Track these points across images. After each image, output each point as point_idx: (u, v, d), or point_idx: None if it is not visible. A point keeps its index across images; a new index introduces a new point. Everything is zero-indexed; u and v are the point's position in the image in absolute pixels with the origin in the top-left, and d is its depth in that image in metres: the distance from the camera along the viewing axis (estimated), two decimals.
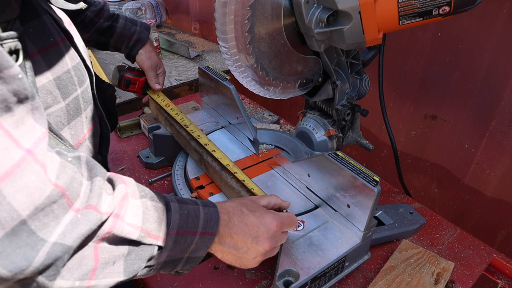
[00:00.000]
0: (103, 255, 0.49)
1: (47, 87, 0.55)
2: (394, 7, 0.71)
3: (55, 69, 0.57)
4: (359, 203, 0.74)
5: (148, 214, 0.54)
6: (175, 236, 0.57)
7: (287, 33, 0.84)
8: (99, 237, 0.48)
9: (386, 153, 1.57)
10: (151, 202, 0.56)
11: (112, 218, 0.49)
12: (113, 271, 0.51)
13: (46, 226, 0.42)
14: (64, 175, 0.44)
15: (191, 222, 0.59)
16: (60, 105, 0.58)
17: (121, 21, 1.12)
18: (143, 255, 0.54)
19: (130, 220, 0.51)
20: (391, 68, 1.41)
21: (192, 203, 0.62)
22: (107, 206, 0.49)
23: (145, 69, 1.16)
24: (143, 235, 0.52)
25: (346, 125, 1.01)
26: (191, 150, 0.98)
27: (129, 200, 0.52)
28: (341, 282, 0.82)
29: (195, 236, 0.59)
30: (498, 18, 1.09)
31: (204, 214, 0.61)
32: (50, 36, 0.57)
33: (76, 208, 0.45)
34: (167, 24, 2.62)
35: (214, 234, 0.61)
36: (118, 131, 1.31)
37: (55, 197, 0.42)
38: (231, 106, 1.05)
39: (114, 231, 0.49)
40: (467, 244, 0.94)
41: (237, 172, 0.87)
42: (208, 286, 0.80)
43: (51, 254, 0.42)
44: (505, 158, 1.19)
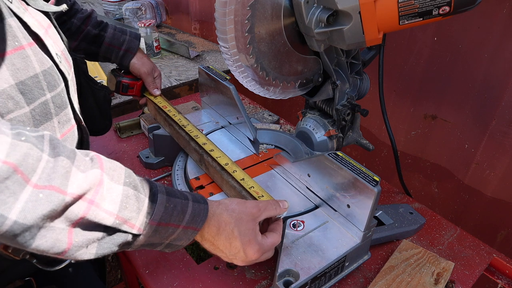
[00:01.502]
0: (76, 239, 0.51)
1: (8, 92, 0.54)
2: (394, 7, 0.71)
3: (19, 73, 0.56)
4: (359, 203, 0.74)
5: (128, 203, 0.55)
6: (156, 226, 0.58)
7: (287, 33, 0.84)
8: (72, 221, 0.49)
9: (386, 153, 1.57)
10: (134, 191, 0.56)
11: (86, 203, 0.50)
12: (85, 252, 0.53)
13: (4, 202, 0.43)
14: (14, 153, 0.44)
15: (176, 215, 0.60)
16: (24, 110, 0.57)
17: (109, 31, 1.10)
18: (117, 240, 0.55)
19: (106, 206, 0.52)
20: (391, 68, 1.41)
21: (182, 197, 0.63)
22: (75, 187, 0.49)
23: (141, 76, 1.15)
24: (118, 222, 0.54)
25: (346, 125, 1.01)
26: (190, 150, 0.98)
27: (104, 186, 0.53)
28: (341, 282, 0.82)
29: (177, 228, 0.61)
30: (498, 18, 1.09)
31: (192, 209, 0.62)
32: (15, 40, 0.56)
33: (34, 183, 0.45)
34: (167, 24, 2.62)
35: (198, 229, 0.63)
36: (118, 131, 1.31)
37: (6, 173, 0.43)
38: (231, 106, 1.05)
39: (88, 217, 0.50)
40: (467, 244, 0.94)
41: (236, 170, 0.87)
42: (208, 286, 0.80)
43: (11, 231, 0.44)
44: (505, 158, 1.19)
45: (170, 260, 0.86)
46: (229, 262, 0.69)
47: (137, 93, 1.18)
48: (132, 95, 1.18)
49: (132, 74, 1.17)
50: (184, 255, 0.87)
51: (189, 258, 0.86)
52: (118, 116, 1.48)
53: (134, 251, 0.88)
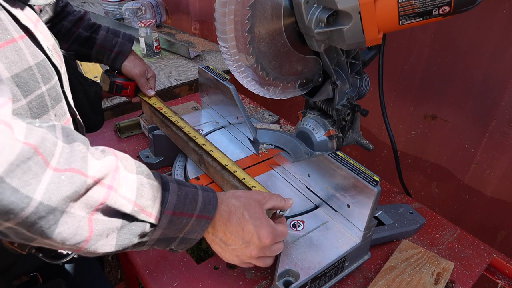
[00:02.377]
0: (97, 227, 0.50)
1: None
2: (394, 7, 0.71)
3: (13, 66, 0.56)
4: (359, 203, 0.74)
5: (143, 191, 0.54)
6: (171, 216, 0.58)
7: (287, 33, 0.84)
8: (92, 207, 0.49)
9: (386, 153, 1.57)
10: (147, 180, 0.56)
11: (105, 189, 0.50)
12: (106, 243, 0.52)
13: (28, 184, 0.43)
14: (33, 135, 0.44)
15: (189, 204, 0.60)
16: (21, 103, 0.57)
17: (101, 32, 1.10)
18: (136, 230, 0.55)
19: (124, 193, 0.52)
20: (391, 68, 1.41)
21: (191, 186, 0.63)
22: (95, 170, 0.49)
23: (134, 78, 1.15)
24: (136, 209, 0.53)
25: (346, 125, 1.01)
26: (189, 151, 0.98)
27: (121, 173, 0.53)
28: (341, 282, 0.82)
29: (191, 218, 0.60)
30: (498, 18, 1.09)
31: (203, 197, 0.62)
32: (6, 33, 0.56)
33: (53, 167, 0.45)
34: (167, 24, 2.62)
35: (210, 218, 0.63)
36: (118, 131, 1.31)
37: (28, 153, 0.43)
38: (231, 106, 1.05)
39: (108, 202, 0.50)
40: (467, 244, 0.94)
41: (237, 170, 0.87)
42: (208, 286, 0.80)
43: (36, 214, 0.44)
44: (505, 158, 1.19)
45: (170, 260, 0.86)
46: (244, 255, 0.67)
47: (131, 93, 1.18)
48: (126, 95, 1.18)
49: None
50: (184, 255, 0.87)
51: (189, 258, 0.86)
52: (118, 116, 1.48)
53: (134, 250, 0.88)
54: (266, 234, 0.65)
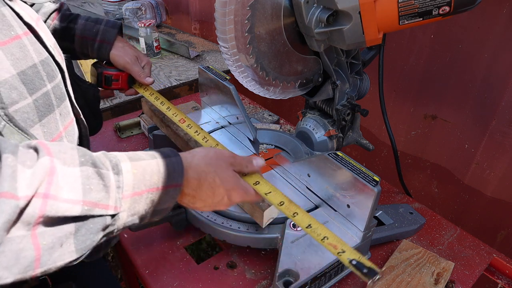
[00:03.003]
0: (44, 241, 0.44)
1: (10, 82, 0.52)
2: (394, 7, 0.71)
3: (19, 63, 0.54)
4: (359, 203, 0.74)
5: (91, 183, 0.48)
6: (131, 198, 0.52)
7: (287, 33, 0.84)
8: (31, 223, 0.43)
9: (386, 153, 1.57)
10: (93, 169, 0.50)
11: (40, 200, 0.43)
12: (64, 252, 0.47)
13: None
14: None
15: (149, 179, 0.54)
16: (27, 101, 0.55)
17: (80, 21, 0.98)
18: (94, 227, 0.49)
19: (66, 195, 0.45)
20: (391, 68, 1.41)
21: (149, 157, 0.57)
22: (25, 188, 0.42)
23: (125, 67, 1.01)
24: (87, 208, 0.47)
25: (346, 125, 1.01)
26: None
27: (58, 174, 0.46)
28: (341, 282, 0.82)
29: (155, 192, 0.55)
30: (498, 18, 1.09)
31: (165, 166, 0.56)
32: (11, 30, 0.54)
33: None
34: (167, 24, 2.62)
35: (180, 185, 0.57)
36: (118, 131, 1.31)
37: None
38: (231, 106, 1.05)
39: (47, 213, 0.44)
40: (467, 244, 0.94)
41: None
42: (208, 286, 0.80)
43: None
44: (505, 158, 1.19)
45: (170, 260, 0.86)
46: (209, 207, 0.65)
47: (124, 85, 1.04)
48: (118, 88, 1.04)
49: None
50: (184, 255, 0.87)
51: (189, 258, 0.86)
52: (118, 116, 1.48)
53: (135, 250, 0.88)
54: (236, 195, 0.64)
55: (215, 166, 0.63)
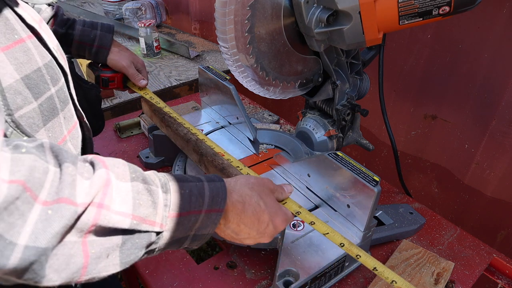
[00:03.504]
0: (93, 250, 0.46)
1: (15, 87, 0.51)
2: (394, 7, 0.71)
3: (23, 67, 0.53)
4: (359, 203, 0.74)
5: (141, 199, 0.50)
6: (177, 218, 0.53)
7: (287, 33, 0.84)
8: (84, 230, 0.45)
9: (386, 153, 1.57)
10: (144, 185, 0.51)
11: (95, 208, 0.45)
12: (108, 264, 0.48)
13: (13, 226, 0.39)
14: (20, 168, 0.40)
15: (195, 201, 0.55)
16: (32, 106, 0.54)
17: (77, 27, 1.03)
18: (140, 243, 0.50)
19: (118, 207, 0.47)
20: (391, 68, 1.41)
21: (195, 180, 0.58)
22: (83, 195, 0.45)
23: (122, 70, 1.08)
24: (136, 222, 0.49)
25: (346, 125, 1.01)
26: (189, 151, 0.98)
27: (113, 186, 0.48)
28: (341, 282, 0.82)
29: (200, 215, 0.56)
30: (498, 18, 1.09)
31: (210, 190, 0.57)
32: (14, 33, 0.53)
33: (42, 200, 0.41)
34: (167, 24, 2.62)
35: (221, 210, 0.58)
36: (118, 131, 1.31)
37: (16, 192, 0.39)
38: (231, 106, 1.05)
39: (100, 223, 0.46)
40: (467, 244, 0.94)
41: (239, 166, 0.86)
42: (208, 286, 0.80)
43: (25, 260, 0.40)
44: (505, 158, 1.19)
45: (170, 260, 0.86)
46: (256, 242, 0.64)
47: (119, 85, 1.11)
48: (114, 88, 1.11)
49: None
50: (184, 255, 0.87)
51: (189, 258, 0.86)
52: (118, 116, 1.48)
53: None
54: (281, 221, 0.64)
55: (258, 191, 0.63)
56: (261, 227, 0.62)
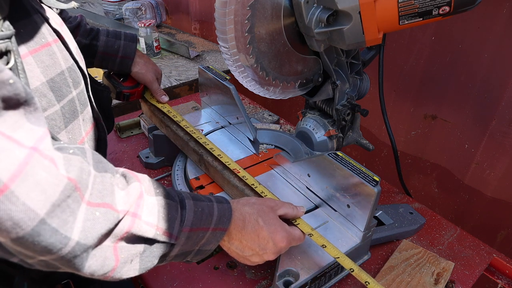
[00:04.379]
0: (122, 255, 0.50)
1: (41, 90, 0.54)
2: (394, 7, 0.71)
3: (48, 71, 0.55)
4: (359, 203, 0.74)
5: (163, 213, 0.55)
6: (188, 233, 0.58)
7: (287, 33, 0.84)
8: (117, 236, 0.49)
9: (386, 153, 1.57)
10: (166, 200, 0.56)
11: (129, 217, 0.50)
12: (130, 268, 0.53)
13: (66, 222, 0.42)
14: (73, 167, 0.44)
15: (205, 219, 0.60)
16: (55, 108, 0.56)
17: (102, 38, 1.02)
18: (157, 252, 0.55)
19: (146, 218, 0.52)
20: (391, 68, 1.41)
21: (206, 200, 0.63)
22: (122, 204, 0.49)
23: (146, 84, 1.10)
24: (158, 233, 0.53)
25: (346, 125, 1.01)
26: (189, 151, 0.98)
27: (144, 198, 0.53)
28: (341, 282, 0.82)
29: (207, 232, 0.61)
30: (498, 18, 1.09)
31: (218, 210, 0.62)
32: (42, 37, 0.55)
33: (87, 200, 0.45)
34: (167, 24, 2.62)
35: (225, 230, 0.63)
36: (118, 131, 1.31)
37: (69, 191, 0.43)
38: (231, 106, 1.05)
39: (133, 231, 0.50)
40: (467, 244, 0.94)
41: (236, 168, 0.87)
42: (208, 286, 0.80)
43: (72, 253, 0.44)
44: (505, 158, 1.19)
45: None
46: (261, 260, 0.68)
47: (138, 97, 1.14)
48: (133, 100, 1.13)
49: (130, 78, 1.10)
50: None
51: None
52: (118, 116, 1.48)
53: None
54: (281, 238, 0.66)
55: (257, 209, 0.67)
56: (262, 243, 0.65)
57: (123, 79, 1.09)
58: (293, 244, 0.69)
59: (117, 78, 1.09)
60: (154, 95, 1.11)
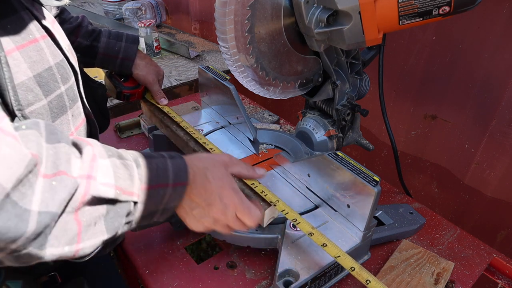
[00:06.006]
0: (83, 218, 0.50)
1: (27, 84, 0.55)
2: (394, 7, 0.71)
3: (35, 66, 0.56)
4: (359, 203, 0.74)
5: (119, 172, 0.54)
6: (148, 190, 0.57)
7: (287, 33, 0.84)
8: (77, 201, 0.49)
9: (386, 153, 1.57)
10: (120, 161, 0.56)
11: (85, 180, 0.50)
12: (96, 231, 0.52)
13: (24, 195, 0.43)
14: (31, 143, 0.45)
15: (162, 175, 0.59)
16: (42, 103, 0.58)
17: (103, 39, 1.02)
18: (121, 211, 0.55)
19: (103, 179, 0.52)
20: (391, 68, 1.41)
21: (159, 156, 0.62)
22: (78, 170, 0.49)
23: (147, 85, 1.09)
24: (118, 192, 0.53)
25: (346, 125, 1.01)
26: (189, 151, 0.98)
27: (98, 161, 0.53)
28: (341, 282, 0.82)
29: (167, 188, 0.59)
30: (498, 18, 1.09)
31: (172, 165, 0.61)
32: (29, 33, 0.57)
33: (42, 173, 0.45)
34: (167, 24, 2.62)
35: (185, 183, 0.61)
36: (118, 131, 1.31)
37: (32, 166, 0.43)
38: (231, 106, 1.05)
39: (91, 192, 0.50)
40: (467, 244, 0.94)
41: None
42: (208, 286, 0.80)
43: (41, 223, 0.44)
44: (505, 158, 1.19)
45: (170, 260, 0.86)
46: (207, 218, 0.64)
47: (139, 97, 1.13)
48: (133, 100, 1.13)
49: (131, 79, 1.10)
50: (184, 255, 0.87)
51: (189, 258, 0.87)
52: (118, 116, 1.48)
53: (135, 250, 0.88)
54: (228, 194, 0.63)
55: (207, 163, 0.65)
56: (208, 197, 0.63)
57: (124, 79, 1.09)
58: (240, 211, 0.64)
59: (118, 78, 1.09)
60: (154, 97, 1.12)
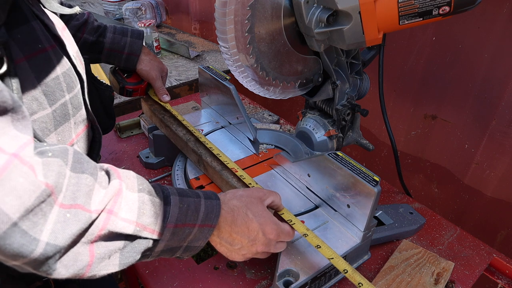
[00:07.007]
0: (98, 251, 0.50)
1: (33, 94, 0.55)
2: (394, 7, 0.71)
3: (42, 76, 0.57)
4: (359, 203, 0.74)
5: (145, 209, 0.55)
6: (173, 228, 0.58)
7: (287, 33, 0.84)
8: (93, 234, 0.49)
9: (386, 153, 1.57)
10: (149, 197, 0.56)
11: (105, 214, 0.50)
12: (109, 264, 0.53)
13: (35, 224, 0.43)
14: (51, 172, 0.45)
15: (191, 215, 0.60)
16: (46, 112, 0.58)
17: (108, 35, 1.03)
18: (138, 248, 0.55)
19: (124, 215, 0.52)
20: (391, 68, 1.41)
21: (194, 195, 0.63)
22: (97, 203, 0.50)
23: (150, 81, 1.11)
24: (138, 229, 0.54)
25: (346, 125, 1.01)
26: (188, 151, 0.98)
27: (123, 195, 0.53)
28: (341, 282, 0.82)
29: (193, 228, 0.60)
30: (498, 18, 1.09)
31: (205, 207, 0.62)
32: (38, 43, 0.57)
33: (60, 202, 0.46)
34: (167, 24, 2.62)
35: (213, 226, 0.63)
36: (118, 131, 1.31)
37: (45, 196, 0.43)
38: (231, 106, 1.05)
39: (109, 227, 0.50)
40: (467, 244, 0.94)
41: (234, 168, 0.86)
42: (208, 286, 0.80)
43: (43, 254, 0.44)
44: (505, 158, 1.19)
45: (170, 260, 0.86)
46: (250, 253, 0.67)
47: (142, 94, 1.15)
48: (136, 96, 1.16)
49: (134, 75, 1.12)
50: None
51: (189, 258, 0.86)
52: (118, 116, 1.48)
53: None
54: (270, 229, 0.66)
55: (246, 202, 0.67)
56: (252, 235, 0.65)
57: (127, 75, 1.11)
58: (282, 238, 0.69)
59: (121, 74, 1.11)
60: (156, 93, 1.13)
